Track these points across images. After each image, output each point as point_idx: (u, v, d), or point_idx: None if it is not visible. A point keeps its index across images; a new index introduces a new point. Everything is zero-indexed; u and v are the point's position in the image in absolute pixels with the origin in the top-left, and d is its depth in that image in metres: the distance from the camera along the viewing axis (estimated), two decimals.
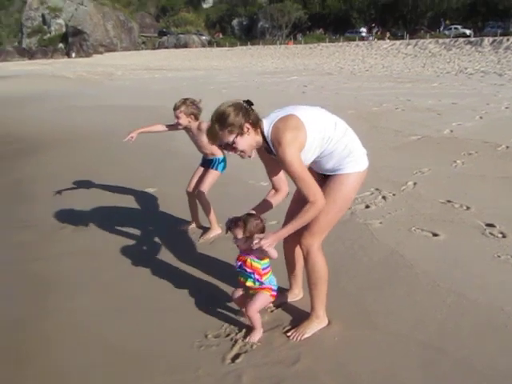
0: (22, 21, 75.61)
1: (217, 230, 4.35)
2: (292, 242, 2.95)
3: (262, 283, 2.68)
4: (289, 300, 3.16)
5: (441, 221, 4.35)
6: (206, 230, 4.44)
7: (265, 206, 2.80)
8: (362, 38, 49.17)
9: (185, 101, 4.13)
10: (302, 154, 2.50)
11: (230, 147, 2.52)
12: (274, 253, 2.58)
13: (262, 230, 2.61)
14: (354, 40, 46.77)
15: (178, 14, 77.65)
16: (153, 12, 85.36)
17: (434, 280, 3.31)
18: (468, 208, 4.61)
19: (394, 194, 5.09)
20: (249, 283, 2.69)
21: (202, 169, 4.43)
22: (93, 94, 18.43)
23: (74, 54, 69.38)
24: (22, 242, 4.51)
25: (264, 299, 2.73)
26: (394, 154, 6.88)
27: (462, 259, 3.63)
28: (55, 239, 4.50)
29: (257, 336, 2.76)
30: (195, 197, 4.34)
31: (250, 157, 2.64)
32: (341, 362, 2.55)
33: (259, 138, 2.55)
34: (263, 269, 2.67)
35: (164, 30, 77.84)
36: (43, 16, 74.51)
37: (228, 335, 2.82)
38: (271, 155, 2.60)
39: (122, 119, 11.73)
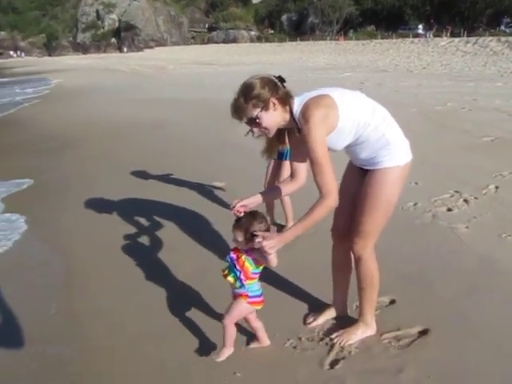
0: (77, 16, 78.30)
1: None
2: (344, 243, 2.69)
3: (242, 286, 2.41)
4: (334, 316, 2.91)
5: None
6: (280, 227, 4.34)
7: (275, 193, 2.72)
8: (417, 35, 47.60)
9: None
10: (332, 136, 2.31)
11: (254, 123, 2.30)
12: (273, 259, 2.30)
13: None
14: (408, 37, 45.50)
15: (228, 10, 78.15)
16: (202, 7, 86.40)
17: None
18: None
19: (475, 198, 4.83)
20: (230, 278, 2.42)
21: (274, 162, 4.33)
22: (148, 87, 18.77)
23: (125, 49, 71.21)
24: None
25: (240, 308, 2.47)
26: (467, 155, 6.57)
27: None
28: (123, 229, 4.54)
29: (224, 354, 2.56)
30: None
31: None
32: (446, 373, 2.40)
33: (287, 116, 2.34)
34: (253, 273, 2.40)
35: (213, 25, 78.53)
36: (97, 11, 76.85)
37: (322, 339, 2.72)
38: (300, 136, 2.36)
39: (179, 112, 11.88)
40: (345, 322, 2.82)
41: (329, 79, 18.01)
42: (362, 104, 2.38)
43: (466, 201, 4.76)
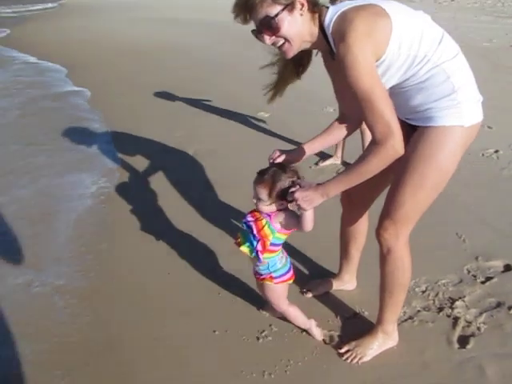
0: None
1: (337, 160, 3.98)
2: (354, 212, 2.19)
3: (258, 258, 1.87)
4: (335, 288, 2.44)
5: None
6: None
7: (322, 142, 1.97)
8: None
9: None
10: (377, 66, 1.58)
11: (270, 26, 1.54)
12: (309, 219, 1.74)
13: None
14: None
15: None
16: None
17: None
18: None
19: None
20: (244, 248, 1.90)
21: None
22: (152, 6, 17.66)
23: None
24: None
25: (273, 292, 2.00)
26: None
27: None
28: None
29: (317, 336, 2.10)
30: None
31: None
32: None
33: (315, 31, 1.62)
34: (272, 243, 1.85)
35: None
36: None
37: (441, 309, 2.29)
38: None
39: (202, 35, 11.09)
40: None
41: None
42: (424, 26, 1.60)
43: None
